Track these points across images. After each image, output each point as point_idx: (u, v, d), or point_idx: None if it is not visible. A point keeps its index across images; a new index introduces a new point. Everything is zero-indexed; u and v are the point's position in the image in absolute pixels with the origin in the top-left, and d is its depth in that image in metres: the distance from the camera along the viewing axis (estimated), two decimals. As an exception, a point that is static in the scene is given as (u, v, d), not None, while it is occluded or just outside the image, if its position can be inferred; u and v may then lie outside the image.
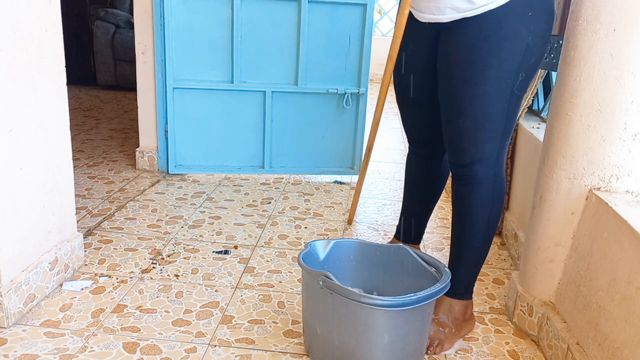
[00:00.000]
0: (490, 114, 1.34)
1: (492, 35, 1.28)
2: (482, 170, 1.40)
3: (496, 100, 1.33)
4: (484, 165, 1.39)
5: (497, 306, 1.67)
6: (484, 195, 1.42)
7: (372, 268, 1.49)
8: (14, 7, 1.33)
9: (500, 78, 1.30)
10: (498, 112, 1.34)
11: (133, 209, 2.25)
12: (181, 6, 2.49)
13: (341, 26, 2.57)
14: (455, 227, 1.48)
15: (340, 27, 2.58)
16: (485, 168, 1.40)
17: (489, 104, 1.33)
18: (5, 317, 1.40)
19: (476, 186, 1.41)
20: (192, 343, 1.40)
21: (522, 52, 1.29)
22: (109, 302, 1.57)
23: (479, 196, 1.42)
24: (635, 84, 1.25)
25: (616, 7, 1.23)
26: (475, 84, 1.32)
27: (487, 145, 1.37)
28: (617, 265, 1.16)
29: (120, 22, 4.77)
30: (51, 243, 1.61)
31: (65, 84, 1.59)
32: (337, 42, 2.64)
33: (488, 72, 1.30)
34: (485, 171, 1.40)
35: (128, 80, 4.70)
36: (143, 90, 2.64)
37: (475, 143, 1.37)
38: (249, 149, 2.75)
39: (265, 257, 1.90)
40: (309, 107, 2.72)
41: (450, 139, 1.42)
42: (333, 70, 2.66)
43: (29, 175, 1.46)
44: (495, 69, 1.30)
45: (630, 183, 1.32)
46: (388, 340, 1.23)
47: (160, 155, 2.71)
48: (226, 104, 2.66)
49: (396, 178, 2.89)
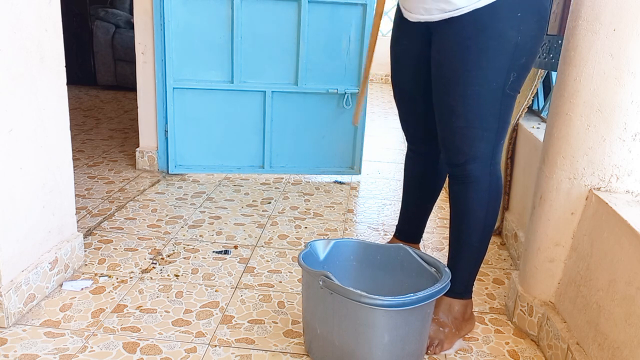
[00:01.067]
0: (481, 113, 1.34)
1: (479, 35, 1.29)
2: (477, 169, 1.40)
3: (487, 99, 1.33)
4: (478, 164, 1.39)
5: (497, 306, 1.67)
6: (480, 194, 1.42)
7: (372, 268, 1.49)
8: (14, 7, 1.33)
9: (490, 78, 1.31)
10: (490, 111, 1.34)
11: (133, 209, 2.25)
12: (181, 6, 2.49)
13: (341, 26, 2.57)
14: (453, 227, 1.48)
15: (340, 27, 2.58)
16: (480, 167, 1.40)
17: (480, 104, 1.33)
18: (5, 317, 1.40)
19: (471, 185, 1.41)
20: (192, 343, 1.40)
21: (511, 52, 1.30)
22: (109, 302, 1.57)
23: (475, 195, 1.42)
24: (635, 84, 1.25)
25: (616, 7, 1.23)
26: (464, 84, 1.32)
27: (481, 144, 1.37)
28: (617, 265, 1.16)
29: (120, 22, 4.77)
30: (51, 243, 1.61)
31: (65, 84, 1.59)
32: (337, 42, 2.64)
33: (476, 72, 1.30)
34: (480, 170, 1.40)
35: (128, 80, 4.70)
36: (143, 90, 2.64)
37: (469, 142, 1.37)
38: (249, 149, 2.75)
39: (265, 257, 1.90)
40: (309, 107, 2.72)
41: (444, 138, 1.42)
42: (333, 70, 2.67)
43: (29, 175, 1.46)
44: (484, 69, 1.30)
45: (630, 183, 1.32)
46: (388, 340, 1.23)
47: (160, 155, 2.71)
48: (226, 104, 2.66)
49: (396, 178, 2.89)
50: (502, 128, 1.38)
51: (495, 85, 1.32)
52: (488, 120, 1.35)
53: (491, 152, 1.39)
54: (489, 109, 1.34)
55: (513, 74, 1.32)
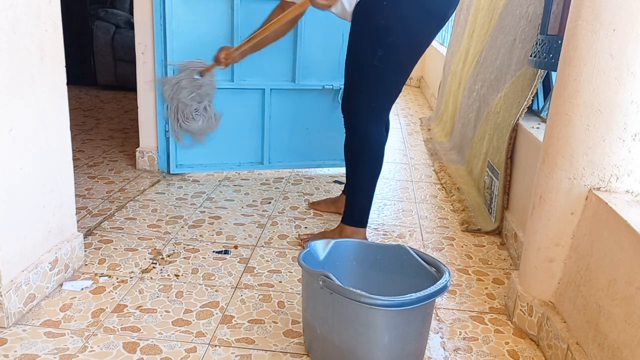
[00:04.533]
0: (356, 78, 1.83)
1: (354, 21, 1.81)
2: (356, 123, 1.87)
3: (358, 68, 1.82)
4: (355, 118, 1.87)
5: (497, 306, 1.67)
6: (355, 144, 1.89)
7: (372, 268, 1.49)
8: (13, 7, 1.33)
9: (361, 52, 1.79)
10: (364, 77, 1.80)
11: (133, 209, 2.25)
12: (181, 6, 2.49)
13: (335, 24, 2.59)
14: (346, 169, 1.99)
15: (335, 25, 2.60)
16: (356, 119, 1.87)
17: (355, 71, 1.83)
18: (6, 317, 1.40)
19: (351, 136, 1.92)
20: (192, 343, 1.40)
21: (375, 32, 1.73)
22: (109, 302, 1.57)
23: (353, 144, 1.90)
24: (635, 84, 1.25)
25: (616, 7, 1.23)
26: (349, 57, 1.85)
27: (357, 103, 1.85)
28: (617, 265, 1.17)
29: (120, 22, 4.77)
30: (51, 243, 1.61)
31: (65, 84, 1.59)
32: (332, 39, 2.70)
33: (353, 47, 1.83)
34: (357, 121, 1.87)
35: (128, 80, 4.70)
36: (143, 90, 2.64)
37: (349, 100, 1.88)
38: (249, 146, 2.80)
39: (265, 257, 1.90)
40: (305, 103, 2.80)
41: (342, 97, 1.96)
42: (328, 66, 2.74)
43: (29, 175, 1.46)
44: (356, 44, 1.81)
45: (630, 183, 1.32)
46: (388, 340, 1.23)
47: (160, 155, 2.71)
48: (226, 102, 2.68)
49: (396, 178, 2.89)
50: (377, 94, 1.82)
51: (364, 58, 1.78)
52: (362, 85, 1.82)
53: (367, 111, 1.84)
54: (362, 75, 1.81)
55: (379, 50, 1.74)
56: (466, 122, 3.09)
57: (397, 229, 2.23)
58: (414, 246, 1.69)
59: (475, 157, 2.73)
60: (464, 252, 2.04)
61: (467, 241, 2.14)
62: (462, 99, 3.32)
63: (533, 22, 2.20)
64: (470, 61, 3.32)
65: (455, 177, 2.84)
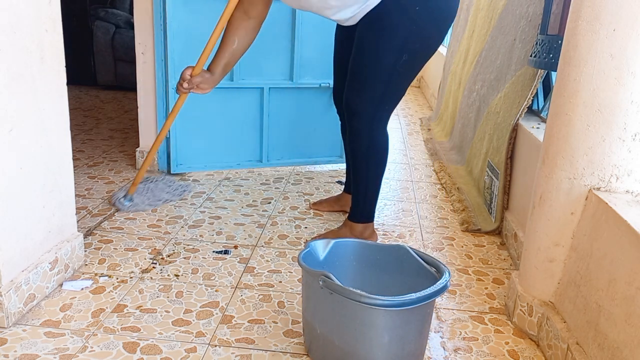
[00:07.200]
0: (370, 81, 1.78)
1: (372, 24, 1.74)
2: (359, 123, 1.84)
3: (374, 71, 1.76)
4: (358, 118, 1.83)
5: (497, 306, 1.67)
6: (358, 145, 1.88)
7: (372, 268, 1.49)
8: (13, 7, 1.33)
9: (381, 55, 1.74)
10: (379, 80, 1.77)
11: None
12: (181, 6, 2.49)
13: (331, 23, 2.59)
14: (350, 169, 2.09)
15: (331, 24, 2.60)
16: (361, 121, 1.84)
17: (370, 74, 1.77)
18: (5, 317, 1.40)
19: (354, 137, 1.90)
20: (192, 343, 1.40)
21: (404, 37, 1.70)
22: (109, 302, 1.57)
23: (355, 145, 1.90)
24: (635, 84, 1.25)
25: (616, 7, 1.23)
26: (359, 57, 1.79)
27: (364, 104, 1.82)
28: (617, 265, 1.17)
29: (120, 22, 4.77)
30: (51, 243, 1.61)
31: (65, 84, 1.59)
32: (328, 38, 2.69)
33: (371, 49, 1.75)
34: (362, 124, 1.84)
35: (128, 80, 4.70)
36: (143, 90, 2.64)
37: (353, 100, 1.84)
38: (248, 144, 2.83)
39: (265, 257, 1.90)
40: (302, 101, 2.85)
41: None
42: (324, 65, 2.76)
43: (29, 175, 1.46)
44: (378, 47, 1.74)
45: (630, 183, 1.32)
46: (388, 340, 1.23)
47: (160, 155, 2.71)
48: (226, 102, 2.70)
49: (396, 178, 2.89)
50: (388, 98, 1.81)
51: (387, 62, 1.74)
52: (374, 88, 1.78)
53: (372, 114, 1.82)
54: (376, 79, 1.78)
55: (405, 55, 1.73)
56: (466, 122, 3.09)
57: (397, 229, 2.23)
58: (414, 246, 1.70)
59: (475, 157, 2.73)
60: (464, 252, 2.05)
61: (467, 241, 2.14)
62: (462, 99, 3.32)
63: (533, 22, 2.20)
64: (470, 61, 3.33)
65: (455, 177, 2.84)
